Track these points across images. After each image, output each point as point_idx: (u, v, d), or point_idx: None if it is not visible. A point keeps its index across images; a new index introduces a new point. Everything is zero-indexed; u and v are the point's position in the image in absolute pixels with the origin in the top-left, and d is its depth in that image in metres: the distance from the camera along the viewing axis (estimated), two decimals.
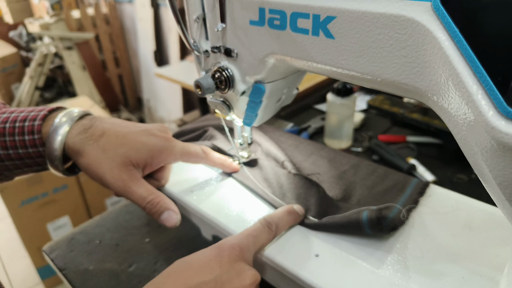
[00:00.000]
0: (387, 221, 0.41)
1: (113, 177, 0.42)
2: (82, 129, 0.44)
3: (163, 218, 0.43)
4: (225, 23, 0.40)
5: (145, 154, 0.44)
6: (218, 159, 0.52)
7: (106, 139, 0.43)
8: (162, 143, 0.45)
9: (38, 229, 1.57)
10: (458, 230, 0.42)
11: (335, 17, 0.30)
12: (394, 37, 0.27)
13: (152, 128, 0.47)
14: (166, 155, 0.46)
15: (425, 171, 0.72)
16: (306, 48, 0.33)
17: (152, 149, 0.44)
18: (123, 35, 3.27)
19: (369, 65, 0.29)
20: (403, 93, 0.30)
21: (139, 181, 0.43)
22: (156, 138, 0.46)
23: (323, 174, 0.52)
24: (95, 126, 0.44)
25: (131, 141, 0.44)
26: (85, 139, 0.43)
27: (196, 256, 0.36)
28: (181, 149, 0.47)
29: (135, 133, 0.45)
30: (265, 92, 0.42)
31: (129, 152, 0.43)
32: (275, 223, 0.42)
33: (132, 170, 0.43)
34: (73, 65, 2.73)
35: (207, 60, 0.46)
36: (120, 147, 0.43)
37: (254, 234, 0.40)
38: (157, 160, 0.45)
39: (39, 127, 0.43)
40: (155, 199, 0.43)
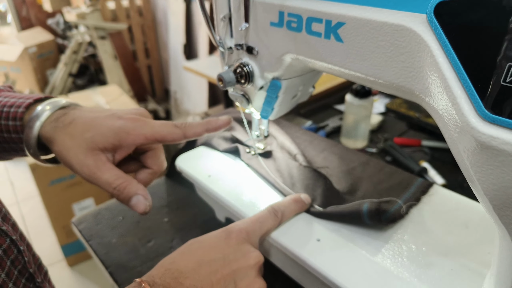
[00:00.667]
0: (387, 215, 0.44)
1: (79, 163, 0.41)
2: (54, 118, 0.43)
3: (132, 203, 0.41)
4: (249, 23, 0.44)
5: (112, 138, 0.42)
6: (197, 127, 0.46)
7: (74, 126, 0.42)
8: (129, 124, 0.42)
9: (64, 209, 1.65)
10: (455, 228, 0.45)
11: (344, 23, 0.33)
12: (394, 44, 0.30)
13: (122, 112, 0.45)
14: (135, 136, 0.42)
15: (436, 174, 0.74)
16: (318, 49, 0.37)
17: (118, 131, 0.42)
18: (154, 27, 3.36)
19: (372, 68, 0.33)
20: (401, 94, 0.33)
21: (105, 166, 0.41)
22: (123, 120, 0.43)
23: (332, 169, 0.56)
24: (67, 114, 0.43)
25: (97, 126, 0.42)
26: (56, 127, 0.42)
27: (208, 236, 0.41)
28: (151, 129, 0.43)
29: (102, 118, 0.43)
30: (281, 88, 0.46)
31: (95, 137, 0.41)
32: (281, 210, 0.46)
33: (98, 155, 0.41)
34: (105, 54, 2.83)
35: (231, 56, 0.50)
36: (86, 132, 0.42)
37: (261, 220, 0.44)
38: (125, 142, 0.42)
39: (21, 115, 0.44)
40: (122, 184, 0.41)
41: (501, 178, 0.25)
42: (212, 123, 0.46)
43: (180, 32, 3.03)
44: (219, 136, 0.64)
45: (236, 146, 0.60)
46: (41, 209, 2.02)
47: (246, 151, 0.60)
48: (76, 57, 2.89)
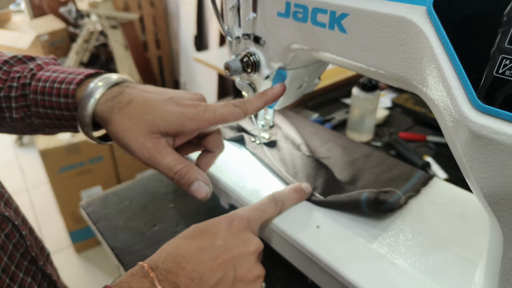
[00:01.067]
0: (386, 205, 0.45)
1: (137, 146, 0.40)
2: (110, 97, 0.42)
3: (193, 189, 0.41)
4: (256, 13, 0.45)
5: (174, 123, 0.41)
6: (256, 102, 0.45)
7: (133, 107, 0.41)
8: (191, 110, 0.41)
9: (73, 196, 1.68)
10: (452, 219, 0.46)
11: (348, 14, 0.34)
12: (395, 35, 0.31)
13: (181, 97, 0.44)
14: (199, 122, 0.41)
15: (439, 169, 0.75)
16: (323, 40, 0.38)
17: (180, 117, 0.41)
18: (166, 18, 3.37)
19: (373, 59, 0.34)
20: (401, 85, 0.34)
21: (166, 150, 0.41)
22: (184, 106, 0.42)
23: (334, 159, 0.57)
24: (123, 93, 0.42)
25: (158, 109, 0.41)
26: (111, 106, 0.41)
27: (210, 223, 0.42)
28: (213, 113, 0.42)
29: (163, 101, 0.42)
30: (286, 77, 0.47)
31: (156, 121, 0.41)
32: (282, 199, 0.47)
33: (158, 138, 0.41)
34: (116, 44, 2.86)
35: (238, 46, 0.51)
36: (146, 115, 0.41)
37: (262, 208, 0.45)
38: (189, 128, 0.41)
39: (73, 92, 0.43)
40: (183, 168, 0.40)
41: (491, 167, 0.27)
42: (269, 94, 0.46)
43: (191, 23, 3.04)
44: (225, 125, 0.65)
45: (242, 135, 0.62)
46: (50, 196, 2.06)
47: (251, 140, 0.61)
48: (87, 46, 2.92)
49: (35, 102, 0.45)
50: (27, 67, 0.47)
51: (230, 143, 0.63)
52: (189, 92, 0.45)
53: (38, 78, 0.45)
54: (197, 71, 3.17)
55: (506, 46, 0.24)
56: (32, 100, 0.45)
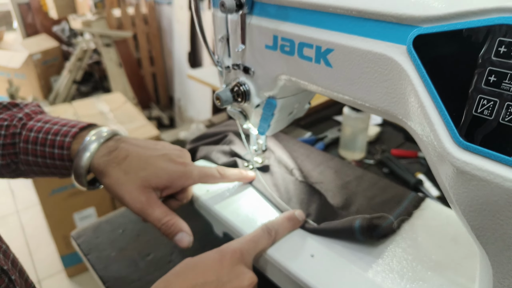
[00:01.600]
0: (379, 230, 0.46)
1: (132, 199, 0.45)
2: (107, 151, 0.47)
3: (177, 239, 0.46)
4: (245, 45, 0.46)
5: (165, 179, 0.47)
6: (233, 175, 0.56)
7: (129, 162, 0.46)
8: (181, 169, 0.48)
9: (65, 218, 1.62)
10: (445, 242, 0.46)
11: (333, 50, 0.35)
12: (378, 71, 0.32)
13: (172, 154, 0.49)
14: (185, 180, 0.49)
15: (431, 186, 0.76)
16: (310, 73, 0.39)
17: (171, 174, 0.47)
18: (159, 35, 3.40)
19: (358, 92, 0.35)
20: (387, 117, 0.35)
21: (156, 204, 0.46)
22: (175, 164, 0.48)
23: (327, 183, 0.57)
24: (119, 148, 0.47)
25: (152, 166, 0.47)
26: (109, 161, 0.46)
27: (202, 258, 0.42)
28: (198, 174, 0.50)
29: (156, 158, 0.48)
30: (276, 106, 0.48)
31: (149, 176, 0.46)
32: (275, 229, 0.48)
33: (150, 193, 0.46)
34: (110, 62, 2.87)
35: (228, 75, 0.52)
36: (141, 170, 0.46)
37: (255, 240, 0.45)
38: (175, 185, 0.48)
39: (68, 144, 0.47)
40: (169, 221, 0.46)
41: (475, 201, 0.27)
42: (245, 177, 0.58)
43: (185, 40, 3.07)
44: (218, 150, 0.66)
45: (235, 160, 0.62)
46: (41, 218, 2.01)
47: (244, 165, 0.62)
48: (80, 64, 2.93)
49: (25, 150, 0.48)
50: (15, 116, 0.49)
51: None
52: (176, 148, 0.52)
53: (30, 128, 0.48)
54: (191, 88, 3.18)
55: (483, 87, 0.25)
56: (22, 148, 0.48)
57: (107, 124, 1.84)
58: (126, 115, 1.99)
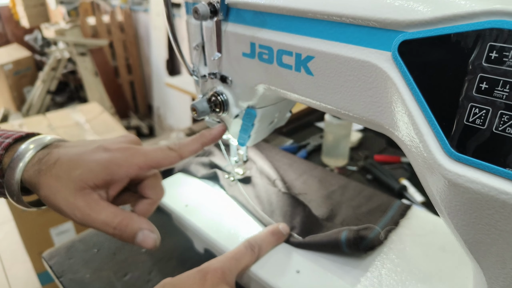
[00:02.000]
0: (366, 242, 0.44)
1: (68, 207, 0.36)
2: (37, 160, 0.38)
3: (139, 240, 0.37)
4: (221, 53, 0.44)
5: (102, 172, 0.37)
6: (192, 144, 0.44)
7: (59, 166, 0.38)
8: (118, 154, 0.39)
9: (41, 234, 1.56)
10: (433, 252, 0.45)
11: (314, 57, 0.33)
12: (361, 79, 0.30)
13: (107, 142, 0.41)
14: (127, 167, 0.38)
15: (416, 192, 0.75)
16: (290, 81, 0.37)
17: (107, 165, 0.38)
18: (136, 43, 3.35)
19: (341, 101, 0.33)
20: (372, 127, 0.33)
21: (99, 205, 0.37)
22: (111, 152, 0.39)
23: (311, 194, 0.56)
24: (50, 153, 0.39)
25: (84, 162, 0.38)
26: (39, 170, 0.38)
27: (182, 278, 0.39)
28: (144, 156, 0.39)
29: (89, 152, 0.39)
30: (256, 116, 0.46)
31: (83, 175, 0.37)
32: (258, 245, 0.45)
33: (89, 194, 0.37)
34: (85, 71, 2.81)
35: (205, 84, 0.49)
36: (73, 170, 0.37)
37: (237, 257, 0.43)
38: (118, 176, 0.38)
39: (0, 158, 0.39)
40: (122, 221, 0.37)
41: (469, 215, 0.26)
42: (207, 136, 0.45)
43: (163, 47, 3.03)
44: (197, 162, 0.63)
45: (215, 172, 0.60)
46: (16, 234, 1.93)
47: (225, 177, 0.59)
48: (54, 74, 2.85)
49: None
50: None
51: (203, 181, 0.61)
52: (122, 136, 0.43)
53: None
54: (170, 96, 3.14)
55: (474, 95, 0.23)
56: None
57: (84, 136, 1.78)
58: (103, 125, 1.94)
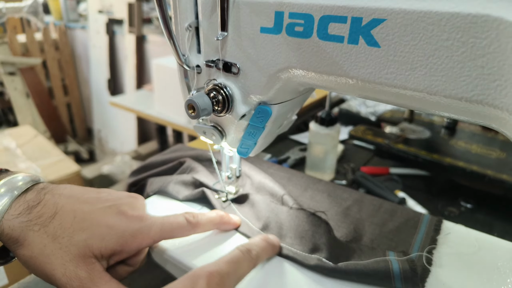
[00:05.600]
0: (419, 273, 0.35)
1: (66, 275, 0.31)
2: (24, 208, 0.32)
3: None
4: (227, 32, 0.33)
5: (113, 242, 0.33)
6: (210, 221, 0.41)
7: (59, 222, 0.32)
8: (136, 225, 0.35)
9: None
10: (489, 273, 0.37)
11: (384, 20, 0.24)
12: (469, 43, 0.21)
13: (122, 204, 0.36)
14: (141, 240, 0.35)
15: (416, 204, 0.68)
16: (338, 60, 0.27)
17: (122, 234, 0.34)
18: (73, 62, 3.11)
19: (426, 80, 0.24)
20: (464, 114, 0.24)
21: (102, 279, 0.32)
22: (127, 219, 0.35)
23: (326, 212, 0.46)
24: (44, 202, 0.33)
25: (94, 225, 0.33)
26: (28, 222, 0.31)
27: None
28: (160, 228, 0.36)
29: (99, 212, 0.34)
30: (271, 115, 0.36)
31: (90, 240, 0.32)
32: (254, 249, 0.36)
33: (93, 264, 0.32)
34: (15, 92, 2.52)
35: (198, 77, 0.39)
36: (78, 232, 0.32)
37: (235, 261, 0.33)
38: (128, 248, 0.34)
39: None
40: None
41: None
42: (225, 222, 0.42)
43: (104, 66, 2.83)
44: (177, 181, 0.51)
45: (202, 191, 0.48)
46: None
47: (215, 197, 0.48)
48: None
49: None
50: None
51: (187, 204, 0.49)
52: (127, 195, 0.38)
53: None
54: (113, 117, 2.93)
55: None
56: None
57: (16, 162, 1.54)
58: (37, 150, 1.71)
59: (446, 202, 0.70)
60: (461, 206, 0.69)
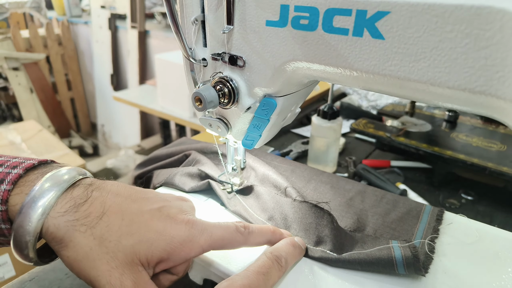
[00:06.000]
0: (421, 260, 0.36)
1: (111, 283, 0.29)
2: (71, 205, 0.30)
3: None
4: (233, 25, 0.34)
5: (160, 249, 0.31)
6: (261, 236, 0.38)
7: (107, 224, 0.30)
8: (185, 231, 0.32)
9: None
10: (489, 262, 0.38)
11: (388, 13, 0.25)
12: (472, 35, 0.22)
13: (172, 207, 0.34)
14: (190, 249, 0.32)
15: (417, 196, 0.69)
16: (343, 52, 0.28)
17: (171, 241, 0.31)
18: (77, 57, 3.12)
19: (429, 71, 0.24)
20: (467, 105, 0.25)
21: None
22: (177, 224, 0.32)
23: (329, 202, 0.47)
24: (91, 200, 0.31)
25: (142, 229, 0.31)
26: (74, 222, 0.29)
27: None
28: (210, 237, 0.33)
29: (148, 215, 0.32)
30: (276, 107, 0.36)
31: (138, 245, 0.30)
32: (284, 257, 0.36)
33: (140, 272, 0.30)
34: (19, 87, 2.53)
35: (204, 71, 0.39)
36: (126, 237, 0.30)
37: (264, 271, 0.33)
38: (176, 256, 0.32)
39: (6, 195, 0.29)
40: None
41: None
42: (277, 235, 0.39)
43: (107, 61, 2.83)
44: (183, 173, 0.52)
45: (208, 183, 0.49)
46: None
47: (221, 188, 0.49)
48: None
49: None
50: None
51: (193, 195, 0.49)
52: (176, 197, 0.37)
53: None
54: (116, 112, 2.94)
55: None
56: None
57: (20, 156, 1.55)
58: (42, 144, 1.73)
59: (447, 194, 0.71)
60: (462, 198, 0.70)
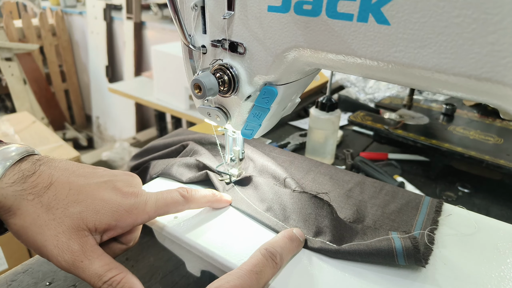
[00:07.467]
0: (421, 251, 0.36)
1: (58, 247, 0.31)
2: (19, 177, 0.32)
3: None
4: (234, 11, 0.33)
5: (108, 216, 0.33)
6: (203, 198, 0.42)
7: (54, 193, 0.32)
8: (130, 200, 0.35)
9: None
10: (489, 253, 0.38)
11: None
12: (480, 19, 0.22)
13: (118, 180, 0.36)
14: (136, 215, 0.35)
15: (414, 189, 0.69)
16: (346, 38, 0.27)
17: (117, 209, 0.34)
18: (71, 48, 3.08)
19: (434, 58, 0.24)
20: (471, 93, 0.25)
21: (95, 252, 0.32)
22: (122, 195, 0.35)
23: (329, 193, 0.46)
24: (39, 172, 0.33)
25: (89, 198, 0.33)
26: (22, 191, 0.32)
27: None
28: (155, 204, 0.36)
29: (95, 186, 0.34)
30: (277, 95, 0.36)
31: (84, 212, 0.32)
32: (279, 253, 0.35)
33: (86, 237, 0.32)
34: (12, 78, 2.50)
35: (203, 58, 0.39)
36: (73, 205, 0.32)
37: (257, 270, 0.33)
38: (123, 223, 0.34)
39: None
40: (116, 276, 0.32)
41: None
42: (217, 199, 0.44)
43: (102, 53, 2.81)
44: (180, 163, 0.51)
45: (205, 174, 0.49)
46: None
47: (218, 179, 0.48)
48: None
49: None
50: None
51: (190, 186, 0.49)
52: (124, 172, 0.39)
53: None
54: (111, 104, 2.92)
55: None
56: None
57: None
58: (36, 136, 1.71)
59: (444, 186, 0.71)
60: (458, 191, 0.70)
